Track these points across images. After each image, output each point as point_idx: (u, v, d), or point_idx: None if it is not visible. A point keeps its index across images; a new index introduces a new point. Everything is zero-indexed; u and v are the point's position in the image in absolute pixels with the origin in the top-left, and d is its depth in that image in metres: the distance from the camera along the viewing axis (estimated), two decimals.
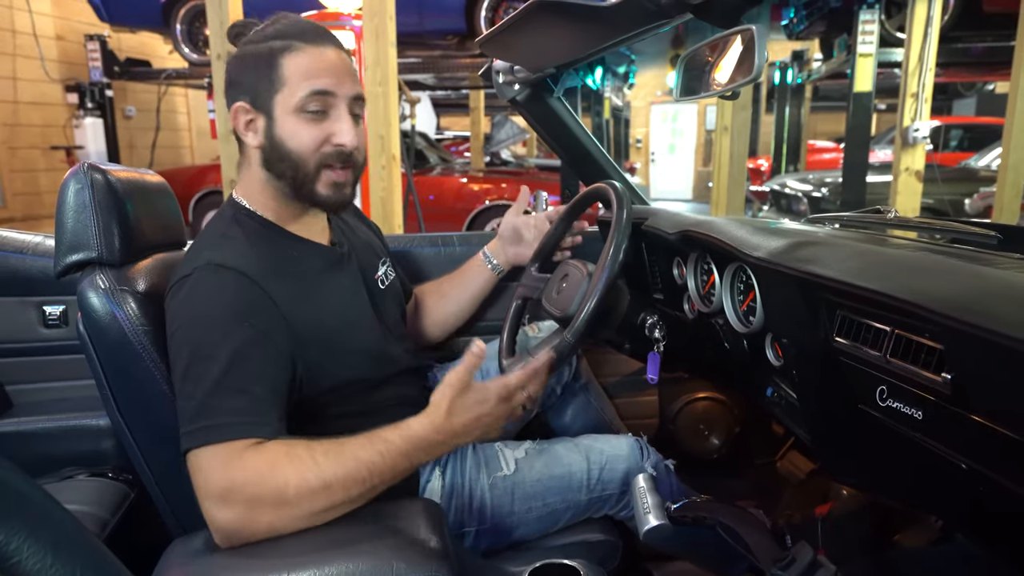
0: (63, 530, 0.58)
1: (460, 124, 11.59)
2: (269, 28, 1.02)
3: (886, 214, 1.26)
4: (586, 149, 1.59)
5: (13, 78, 6.78)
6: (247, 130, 1.03)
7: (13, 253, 1.48)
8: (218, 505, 0.83)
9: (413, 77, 6.41)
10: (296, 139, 1.00)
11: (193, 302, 0.92)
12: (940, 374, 0.71)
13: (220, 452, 0.84)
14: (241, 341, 0.89)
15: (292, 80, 0.98)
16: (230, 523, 0.82)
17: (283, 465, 0.83)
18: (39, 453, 1.44)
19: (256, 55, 1.00)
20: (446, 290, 1.45)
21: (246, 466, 0.83)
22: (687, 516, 0.99)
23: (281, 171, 1.02)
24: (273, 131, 1.01)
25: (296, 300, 0.99)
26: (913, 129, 4.42)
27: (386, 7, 3.22)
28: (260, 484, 0.82)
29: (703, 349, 1.34)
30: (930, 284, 0.75)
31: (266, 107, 1.00)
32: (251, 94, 1.01)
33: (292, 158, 1.01)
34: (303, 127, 1.00)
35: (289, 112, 0.99)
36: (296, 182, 1.02)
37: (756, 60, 0.74)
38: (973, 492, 0.75)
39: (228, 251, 0.97)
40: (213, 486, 0.83)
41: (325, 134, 1.01)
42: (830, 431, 1.00)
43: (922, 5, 4.33)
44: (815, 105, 10.24)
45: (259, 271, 0.96)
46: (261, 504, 0.82)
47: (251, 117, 1.02)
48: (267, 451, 0.85)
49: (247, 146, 1.05)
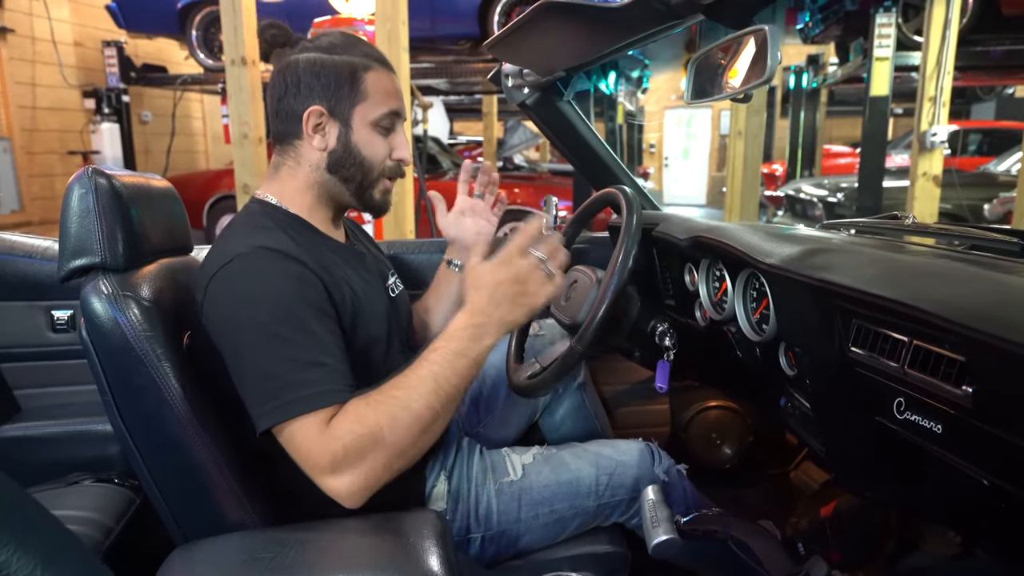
0: (54, 541, 0.56)
1: (474, 129, 11.60)
2: (340, 43, 1.08)
3: (903, 220, 1.23)
4: (596, 153, 1.57)
5: (32, 84, 6.86)
6: (315, 132, 1.07)
7: (22, 257, 1.48)
8: (332, 476, 0.87)
9: (426, 82, 6.42)
10: (370, 148, 1.09)
11: (248, 282, 0.94)
12: (961, 387, 0.68)
13: (310, 425, 0.88)
14: (305, 316, 0.93)
15: (374, 96, 1.08)
16: (351, 486, 0.87)
17: (367, 414, 0.88)
18: (46, 457, 1.44)
19: (337, 66, 1.06)
20: (431, 303, 1.43)
21: (338, 432, 0.87)
22: (697, 530, 0.97)
23: (349, 175, 1.10)
24: (350, 139, 1.08)
25: (332, 275, 1.03)
26: (931, 133, 4.36)
27: (399, 12, 3.22)
28: (358, 440, 0.87)
29: (715, 358, 1.32)
30: (949, 292, 0.72)
31: (344, 115, 1.07)
32: (329, 101, 1.06)
33: (364, 165, 1.09)
34: (376, 139, 1.10)
35: (366, 124, 1.08)
36: (361, 186, 1.11)
37: (769, 61, 0.72)
38: (995, 509, 0.72)
39: (267, 236, 0.99)
40: (319, 461, 0.87)
41: (389, 148, 1.11)
42: (845, 443, 0.97)
43: (940, 8, 4.27)
44: (832, 109, 10.15)
45: (298, 251, 0.99)
46: (367, 455, 0.87)
47: (322, 122, 1.07)
48: (348, 411, 0.89)
49: (303, 147, 1.08)
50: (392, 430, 0.88)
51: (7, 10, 6.59)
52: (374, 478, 0.89)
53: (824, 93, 8.84)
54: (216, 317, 0.94)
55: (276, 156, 1.11)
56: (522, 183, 6.15)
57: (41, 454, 1.44)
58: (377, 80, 1.08)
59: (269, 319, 0.91)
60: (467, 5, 5.56)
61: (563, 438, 1.45)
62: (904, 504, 0.96)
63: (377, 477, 0.89)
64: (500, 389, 1.42)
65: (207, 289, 0.96)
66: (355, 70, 1.06)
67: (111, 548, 1.20)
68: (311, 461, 0.88)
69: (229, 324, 0.93)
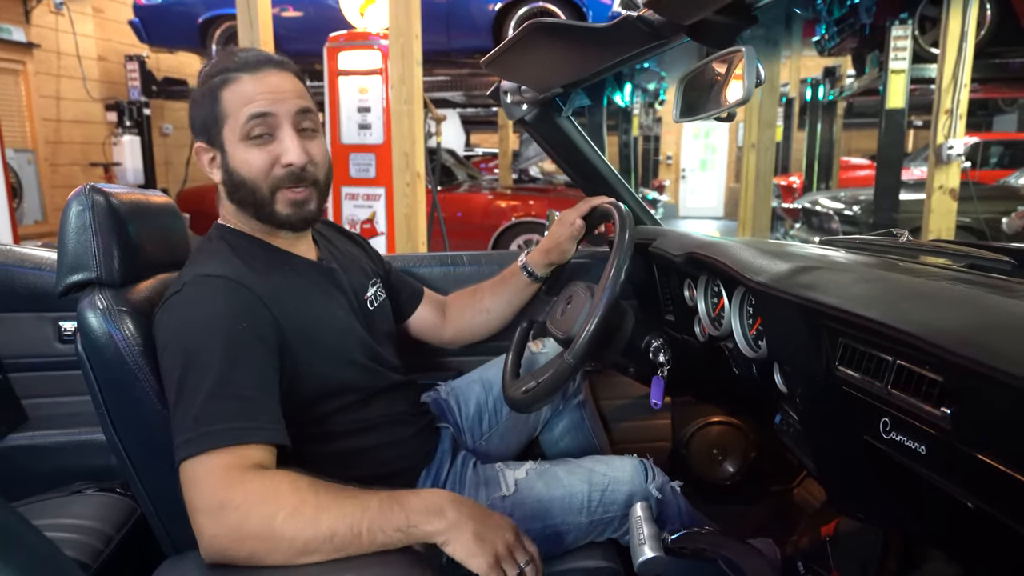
0: (34, 553, 0.58)
1: (490, 141, 11.66)
2: (213, 66, 1.05)
3: (898, 237, 1.23)
4: (596, 169, 1.57)
5: (57, 97, 7.02)
6: (211, 167, 1.06)
7: (32, 269, 1.51)
8: (209, 519, 0.81)
9: (442, 95, 6.47)
10: (247, 166, 1.02)
11: (183, 313, 0.93)
12: (941, 408, 0.67)
13: (218, 464, 0.82)
14: (233, 345, 0.90)
15: (231, 109, 1.01)
16: (215, 540, 0.81)
17: (285, 498, 0.81)
18: (51, 466, 1.46)
19: (201, 94, 1.03)
20: (488, 303, 1.45)
21: (247, 488, 0.81)
22: (685, 548, 0.96)
23: (241, 199, 1.05)
24: (228, 163, 1.03)
25: (283, 298, 1.00)
26: (947, 146, 4.32)
27: (412, 27, 3.25)
28: (257, 507, 0.80)
29: (711, 374, 1.31)
30: (932, 314, 0.72)
31: (218, 142, 1.03)
32: (204, 133, 1.04)
33: (247, 186, 1.03)
34: (251, 153, 1.02)
35: (237, 142, 1.02)
36: (256, 207, 1.05)
37: (746, 81, 0.73)
38: (982, 532, 0.71)
39: (214, 262, 0.99)
40: (207, 499, 0.81)
41: (273, 156, 1.02)
42: (836, 462, 0.97)
43: (956, 20, 4.24)
44: (850, 122, 10.09)
45: (245, 274, 0.98)
46: (248, 526, 0.80)
47: (211, 154, 1.05)
48: (275, 478, 0.83)
49: (216, 181, 1.08)
50: (284, 532, 0.79)
51: (34, 26, 6.75)
52: (233, 554, 0.80)
53: (841, 106, 8.79)
54: (158, 345, 0.93)
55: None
56: (537, 195, 6.16)
57: (46, 462, 1.46)
58: (234, 91, 1.01)
59: (196, 348, 0.89)
60: (482, 19, 5.61)
61: (561, 454, 1.45)
62: (897, 526, 0.95)
63: (235, 555, 0.80)
64: (503, 405, 1.42)
65: (155, 316, 0.96)
66: (214, 91, 1.02)
67: (110, 557, 1.22)
68: (202, 498, 0.82)
69: (166, 353, 0.92)
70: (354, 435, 1.10)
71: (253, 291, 0.96)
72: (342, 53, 4.16)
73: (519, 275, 1.45)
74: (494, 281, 1.48)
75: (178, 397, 0.88)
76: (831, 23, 6.26)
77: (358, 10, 4.45)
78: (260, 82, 1.01)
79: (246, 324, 0.93)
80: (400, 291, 1.41)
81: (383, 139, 4.09)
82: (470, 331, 1.48)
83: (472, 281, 1.52)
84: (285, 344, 0.98)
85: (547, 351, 1.44)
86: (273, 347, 0.95)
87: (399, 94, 3.32)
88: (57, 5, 6.96)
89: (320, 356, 1.03)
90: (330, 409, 1.07)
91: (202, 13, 6.16)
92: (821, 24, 6.49)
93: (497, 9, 5.49)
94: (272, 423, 0.89)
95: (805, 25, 6.87)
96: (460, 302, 1.48)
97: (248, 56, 1.04)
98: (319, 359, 1.03)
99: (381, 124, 4.11)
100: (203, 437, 0.84)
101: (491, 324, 1.47)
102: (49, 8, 6.92)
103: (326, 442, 1.07)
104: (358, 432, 1.11)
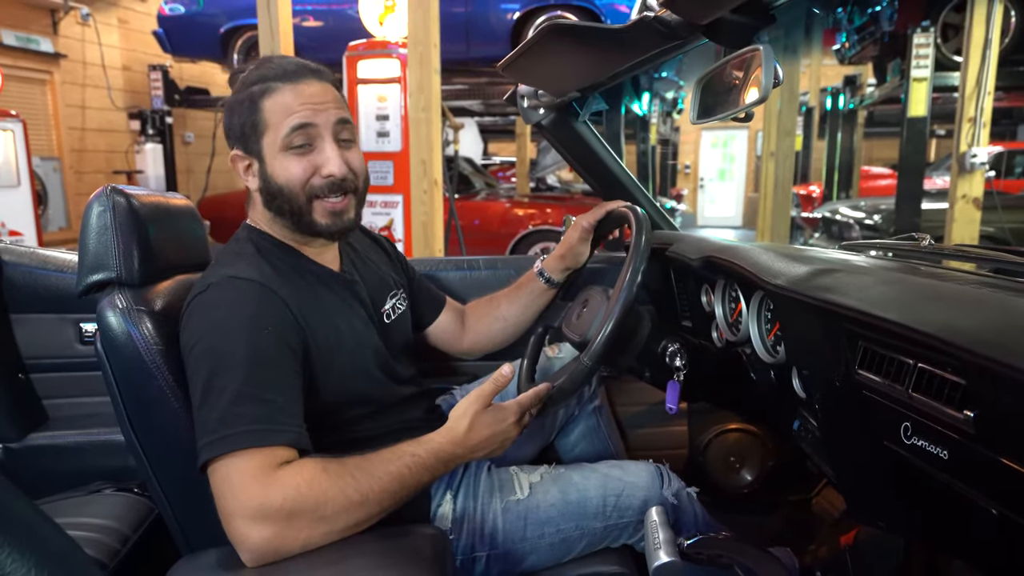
0: (48, 545, 0.58)
1: (508, 150, 11.70)
2: (251, 74, 1.05)
3: (920, 242, 1.21)
4: (613, 174, 1.57)
5: (82, 107, 7.15)
6: (247, 175, 1.07)
7: (54, 272, 1.53)
8: (251, 523, 0.82)
9: (460, 103, 6.50)
10: (285, 176, 1.03)
11: (211, 315, 0.94)
12: (963, 411, 0.66)
13: (248, 466, 0.84)
14: (259, 348, 0.91)
15: (273, 120, 1.02)
16: (265, 541, 0.82)
17: (321, 480, 0.85)
18: (71, 465, 1.48)
19: (240, 103, 1.04)
20: (505, 311, 1.46)
21: (284, 483, 0.83)
22: (702, 554, 0.95)
23: (279, 208, 1.06)
24: (266, 173, 1.04)
25: (306, 304, 1.01)
26: (970, 155, 4.26)
27: (430, 35, 3.27)
28: (300, 500, 0.83)
29: (729, 380, 1.30)
30: (953, 315, 0.70)
31: (256, 151, 1.04)
32: (241, 141, 1.05)
33: (285, 194, 1.04)
34: (291, 163, 1.03)
35: (276, 152, 1.03)
36: (294, 215, 1.05)
37: (763, 80, 0.72)
38: (1006, 540, 0.69)
39: (242, 264, 1.00)
40: (245, 503, 0.83)
41: (313, 167, 1.03)
42: (855, 469, 0.95)
43: (979, 28, 4.20)
44: (872, 131, 10.00)
45: (272, 278, 0.99)
46: (300, 519, 0.83)
47: (248, 162, 1.06)
48: (303, 467, 0.86)
49: (250, 188, 1.09)
50: (335, 508, 0.85)
51: (61, 37, 6.89)
52: (288, 545, 0.84)
53: (862, 114, 8.72)
54: (184, 345, 0.94)
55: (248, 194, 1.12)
56: (554, 203, 6.17)
57: (66, 462, 1.48)
58: (276, 101, 1.02)
59: (223, 350, 0.90)
60: (501, 28, 5.64)
61: (577, 459, 1.44)
62: (918, 535, 0.93)
63: (290, 546, 0.84)
64: None
65: (182, 317, 0.97)
66: (254, 100, 1.02)
67: (128, 556, 1.23)
68: (239, 500, 0.83)
69: (192, 354, 0.92)
70: (368, 442, 1.10)
71: (280, 295, 0.97)
72: (361, 62, 4.21)
73: (535, 281, 1.44)
74: (510, 289, 1.47)
75: (203, 399, 0.88)
76: (852, 31, 6.22)
77: (377, 19, 4.49)
78: (301, 92, 1.02)
79: (272, 328, 0.94)
80: (422, 298, 1.42)
81: (401, 147, 4.12)
82: (488, 339, 1.48)
83: (488, 285, 1.52)
84: (307, 351, 0.99)
85: (563, 356, 1.43)
86: (297, 352, 0.96)
87: (417, 102, 3.35)
88: (84, 16, 7.09)
89: (337, 366, 1.04)
90: (344, 418, 1.07)
91: (224, 23, 6.25)
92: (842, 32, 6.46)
93: (516, 18, 5.51)
94: (296, 426, 0.90)
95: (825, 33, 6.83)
96: (478, 311, 1.48)
97: (287, 64, 1.04)
98: (336, 369, 1.04)
99: (399, 132, 4.15)
100: (227, 439, 0.85)
101: (508, 332, 1.47)
102: (76, 19, 7.06)
103: (340, 449, 1.07)
104: (372, 440, 1.10)
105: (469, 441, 0.98)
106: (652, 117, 7.94)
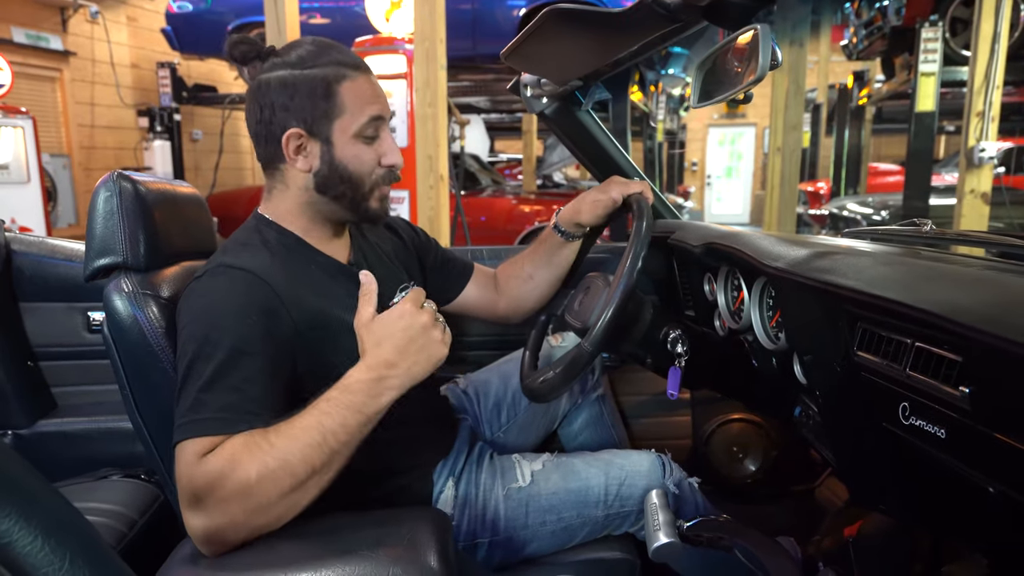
0: (55, 516, 0.59)
1: (514, 147, 11.69)
2: (318, 56, 1.03)
3: (922, 227, 1.21)
4: (616, 163, 1.57)
5: (91, 104, 7.20)
6: (296, 155, 1.04)
7: (63, 261, 1.55)
8: (190, 513, 0.81)
9: (466, 100, 6.51)
10: (356, 162, 1.05)
11: (201, 301, 0.94)
12: (959, 388, 0.66)
13: (190, 451, 0.82)
14: (241, 338, 0.90)
15: (352, 107, 1.03)
16: (206, 530, 0.80)
17: (241, 457, 0.81)
18: (79, 452, 1.50)
19: (309, 82, 1.01)
20: (528, 269, 1.44)
21: (208, 467, 0.80)
22: (701, 536, 0.95)
23: (339, 192, 1.06)
24: (333, 155, 1.04)
25: (302, 292, 1.00)
26: (979, 149, 4.24)
27: (436, 31, 3.28)
28: (222, 479, 0.79)
29: (731, 367, 1.30)
30: (952, 294, 0.71)
31: (324, 133, 1.03)
32: (305, 121, 1.02)
33: (353, 180, 1.06)
34: (362, 151, 1.05)
35: (348, 137, 1.04)
36: (354, 201, 1.07)
37: (761, 59, 0.73)
38: (1004, 519, 0.70)
39: (242, 253, 1.00)
40: (183, 492, 0.82)
41: (378, 155, 1.07)
42: (856, 452, 0.95)
43: (988, 22, 4.17)
44: (881, 127, 9.95)
45: (267, 269, 0.98)
46: (228, 501, 0.79)
47: (302, 143, 1.03)
48: (224, 448, 0.82)
49: (289, 171, 1.06)
50: (260, 481, 0.80)
51: (70, 34, 6.94)
52: (232, 530, 0.80)
53: (870, 110, 8.68)
54: (178, 327, 0.95)
55: (267, 180, 1.10)
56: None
57: (74, 449, 1.50)
58: (353, 88, 1.03)
59: (206, 336, 0.89)
60: (507, 25, 5.64)
61: (580, 448, 1.44)
62: (918, 519, 0.93)
63: (235, 529, 0.80)
64: (522, 397, 1.42)
65: (179, 302, 0.98)
66: (328, 83, 1.01)
67: (134, 540, 1.24)
68: (180, 489, 0.82)
69: (180, 337, 0.93)
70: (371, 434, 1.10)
71: (273, 288, 0.96)
72: (368, 58, 4.22)
73: (552, 236, 1.43)
74: (531, 247, 1.46)
75: (183, 383, 0.88)
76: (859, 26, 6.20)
77: (384, 15, 4.50)
78: (372, 85, 1.06)
79: (257, 319, 0.93)
80: (449, 269, 1.40)
81: (407, 142, 4.13)
82: (521, 300, 1.45)
83: None
84: (301, 343, 0.98)
85: (566, 344, 1.44)
86: (283, 345, 0.95)
87: (423, 98, 3.35)
88: (93, 14, 7.14)
89: (339, 358, 1.02)
90: None
91: (231, 21, 6.28)
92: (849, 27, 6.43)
93: (522, 15, 5.51)
94: (259, 421, 0.86)
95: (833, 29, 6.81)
96: (506, 272, 1.47)
97: (353, 56, 1.06)
98: (338, 360, 1.01)
99: (405, 128, 4.16)
100: (190, 424, 0.84)
101: (540, 290, 1.45)
102: (85, 17, 7.10)
103: None
104: (375, 428, 1.11)
105: (380, 357, 0.88)
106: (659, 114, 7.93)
